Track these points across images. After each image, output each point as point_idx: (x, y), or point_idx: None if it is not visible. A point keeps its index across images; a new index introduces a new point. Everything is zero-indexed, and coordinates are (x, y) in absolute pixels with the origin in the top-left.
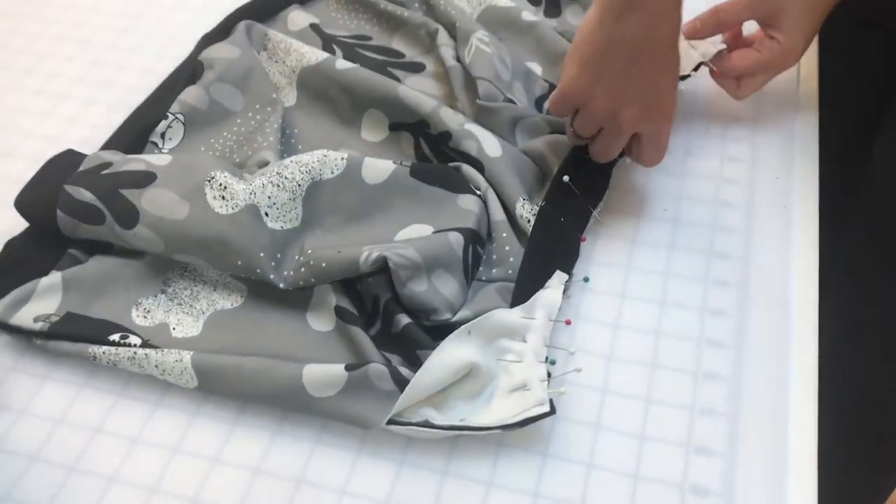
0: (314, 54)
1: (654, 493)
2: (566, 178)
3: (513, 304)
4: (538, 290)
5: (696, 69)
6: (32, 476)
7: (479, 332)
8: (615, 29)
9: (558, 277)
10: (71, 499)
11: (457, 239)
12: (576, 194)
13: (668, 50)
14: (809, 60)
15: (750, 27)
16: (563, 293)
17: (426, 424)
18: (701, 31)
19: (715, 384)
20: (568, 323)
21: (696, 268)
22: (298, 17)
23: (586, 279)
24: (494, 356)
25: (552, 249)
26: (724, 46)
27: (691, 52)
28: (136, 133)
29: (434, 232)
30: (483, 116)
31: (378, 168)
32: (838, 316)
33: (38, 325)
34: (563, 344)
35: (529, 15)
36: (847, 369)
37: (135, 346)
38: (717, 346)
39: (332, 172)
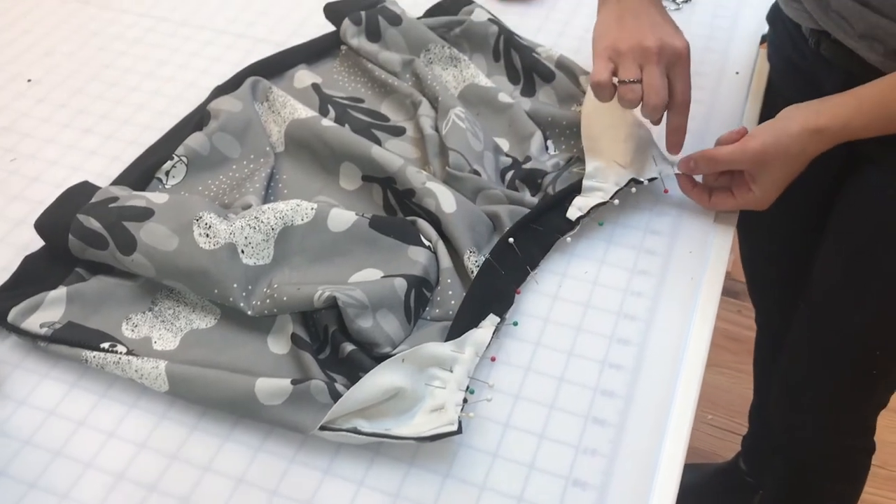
0: (306, 112)
1: None
2: (511, 240)
3: (447, 339)
4: (472, 328)
5: (650, 180)
6: (25, 456)
7: (413, 361)
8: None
9: (490, 320)
10: (54, 478)
11: (401, 284)
12: (518, 255)
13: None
14: None
15: None
16: (494, 334)
17: (354, 431)
18: (695, 169)
19: (601, 429)
20: (493, 360)
21: (605, 325)
22: (304, 77)
23: (515, 323)
24: (424, 381)
25: (489, 296)
26: (677, 171)
27: (653, 165)
28: (144, 170)
29: (383, 276)
30: (450, 182)
31: (342, 218)
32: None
33: (43, 331)
34: (483, 378)
35: (506, 97)
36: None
37: (121, 353)
38: (609, 396)
39: (303, 219)
